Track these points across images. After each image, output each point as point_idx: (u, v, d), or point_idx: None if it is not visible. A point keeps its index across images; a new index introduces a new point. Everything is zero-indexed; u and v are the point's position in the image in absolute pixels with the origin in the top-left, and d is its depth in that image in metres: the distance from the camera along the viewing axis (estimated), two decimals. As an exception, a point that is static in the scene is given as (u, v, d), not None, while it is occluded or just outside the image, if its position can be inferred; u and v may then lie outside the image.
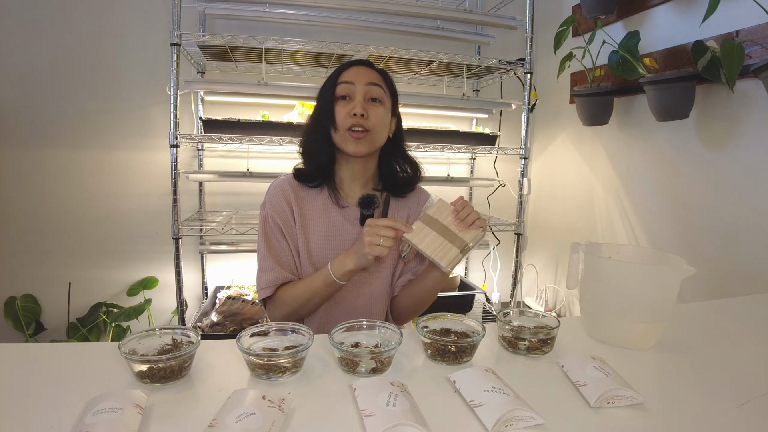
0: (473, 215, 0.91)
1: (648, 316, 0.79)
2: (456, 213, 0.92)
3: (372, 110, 0.98)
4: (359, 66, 1.02)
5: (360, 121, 0.96)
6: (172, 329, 0.71)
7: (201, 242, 2.15)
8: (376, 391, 0.58)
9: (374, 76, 1.01)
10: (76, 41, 1.91)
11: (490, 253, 2.53)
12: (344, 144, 0.99)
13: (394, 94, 1.06)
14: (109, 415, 0.51)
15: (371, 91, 0.99)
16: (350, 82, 0.99)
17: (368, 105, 0.99)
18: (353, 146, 0.98)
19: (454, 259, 0.89)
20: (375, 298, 1.05)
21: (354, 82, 0.98)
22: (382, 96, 1.00)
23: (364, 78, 0.99)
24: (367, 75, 1.00)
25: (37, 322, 1.98)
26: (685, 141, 1.56)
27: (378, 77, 1.01)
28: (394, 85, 1.06)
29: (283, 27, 2.03)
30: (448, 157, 2.44)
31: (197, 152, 2.12)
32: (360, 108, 0.96)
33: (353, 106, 0.97)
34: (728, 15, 1.36)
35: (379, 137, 1.01)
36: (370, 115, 0.98)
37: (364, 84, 0.98)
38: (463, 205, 0.92)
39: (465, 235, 0.90)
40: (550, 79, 2.16)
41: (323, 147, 1.02)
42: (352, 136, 0.97)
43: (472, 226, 0.90)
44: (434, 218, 0.93)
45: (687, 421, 0.59)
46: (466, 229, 0.91)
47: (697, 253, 1.52)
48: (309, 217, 1.04)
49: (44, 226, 1.98)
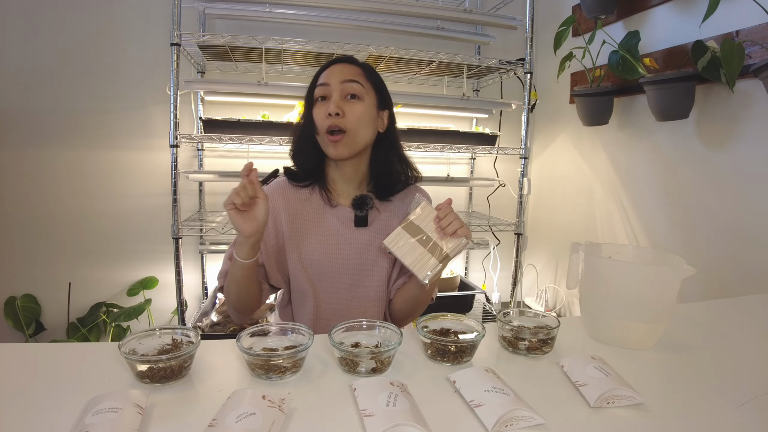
0: (455, 224, 0.88)
1: (648, 316, 0.79)
2: (438, 220, 0.89)
3: (348, 108, 0.94)
4: (336, 64, 0.98)
5: (336, 121, 0.93)
6: (172, 329, 0.71)
7: (201, 242, 2.15)
8: (376, 391, 0.58)
9: (351, 71, 0.97)
10: (76, 41, 1.91)
11: (490, 253, 2.53)
12: (325, 148, 0.97)
13: (379, 87, 1.01)
14: (109, 415, 0.51)
15: (347, 88, 0.95)
16: (325, 83, 0.96)
17: (345, 103, 0.95)
18: (332, 150, 0.95)
19: (432, 269, 0.87)
20: (370, 302, 1.03)
21: (329, 82, 0.95)
22: (361, 91, 0.96)
23: (338, 76, 0.95)
24: (343, 72, 0.96)
25: (37, 322, 1.98)
26: (685, 141, 1.56)
27: (356, 72, 0.98)
28: (379, 78, 1.02)
29: (283, 27, 2.03)
30: (448, 157, 2.44)
31: (197, 152, 2.12)
32: (334, 107, 0.93)
33: (328, 106, 0.94)
34: (728, 15, 1.36)
35: (360, 136, 0.96)
36: (346, 113, 0.94)
37: (339, 82, 0.95)
38: (445, 212, 0.89)
39: (446, 244, 0.87)
40: (550, 79, 2.16)
41: (309, 151, 1.00)
42: (329, 139, 0.94)
43: (454, 234, 0.88)
44: (416, 225, 0.90)
45: (687, 421, 0.59)
46: (448, 237, 0.88)
47: (697, 253, 1.51)
48: (302, 219, 1.01)
49: (44, 226, 1.98)
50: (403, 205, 1.07)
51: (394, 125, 1.06)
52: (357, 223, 1.02)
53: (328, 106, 0.94)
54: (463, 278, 2.30)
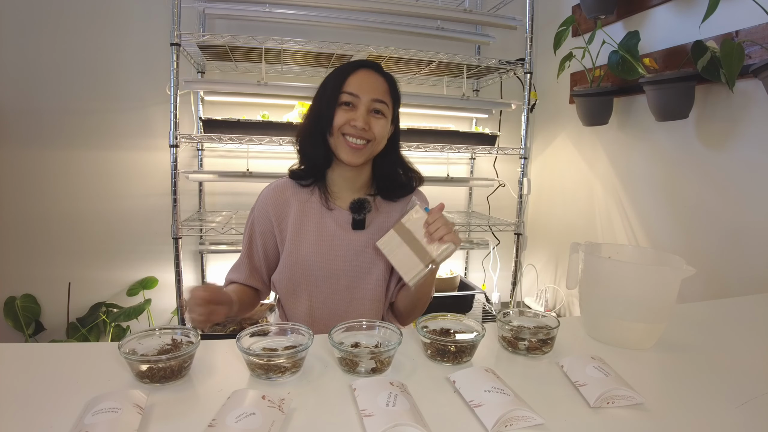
0: (442, 230, 0.89)
1: (648, 316, 0.79)
2: (426, 225, 0.90)
3: (374, 122, 0.97)
4: (366, 71, 0.98)
5: (361, 133, 0.95)
6: (171, 329, 0.71)
7: (201, 242, 2.15)
8: (375, 391, 0.58)
9: (381, 88, 0.98)
10: (76, 41, 1.91)
11: (490, 253, 2.53)
12: (339, 150, 0.98)
13: (397, 101, 1.03)
14: (108, 415, 0.51)
15: (375, 106, 0.97)
16: (355, 94, 0.96)
17: (370, 117, 0.97)
18: (349, 156, 0.97)
19: (417, 274, 0.88)
20: (367, 303, 1.04)
21: (359, 95, 0.95)
22: (385, 110, 0.98)
23: (370, 92, 0.96)
24: (374, 89, 0.97)
25: (36, 322, 1.98)
26: (685, 141, 1.56)
27: (384, 89, 0.99)
28: (399, 92, 1.03)
29: (282, 27, 2.03)
30: (448, 157, 2.44)
31: (197, 152, 2.12)
32: (362, 122, 0.94)
33: (355, 117, 0.95)
34: (728, 15, 1.36)
35: (378, 147, 1.00)
36: (372, 127, 0.96)
37: (369, 99, 0.96)
38: (434, 217, 0.90)
39: (434, 250, 0.88)
40: (550, 79, 2.16)
41: (319, 149, 1.00)
42: (349, 145, 0.96)
43: (441, 240, 0.88)
44: (407, 228, 0.91)
45: (687, 421, 0.59)
46: (437, 243, 0.88)
47: (697, 253, 1.52)
48: (301, 220, 1.03)
49: (44, 226, 1.98)
50: (398, 206, 1.08)
51: (398, 133, 1.07)
52: (354, 226, 1.03)
53: (353, 116, 0.95)
54: (463, 278, 2.30)
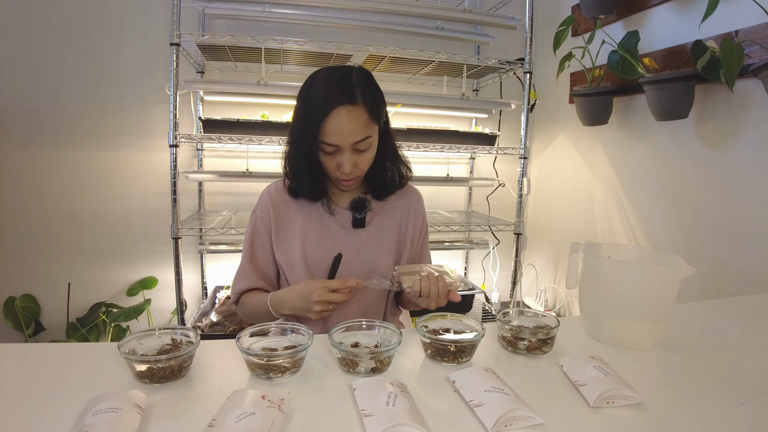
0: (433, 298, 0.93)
1: (648, 316, 0.79)
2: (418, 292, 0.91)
3: (361, 160, 0.94)
4: (340, 111, 0.88)
5: (350, 174, 0.94)
6: (171, 329, 0.71)
7: (200, 242, 2.15)
8: (375, 391, 0.58)
9: (360, 124, 0.89)
10: (75, 41, 1.91)
11: (490, 253, 2.53)
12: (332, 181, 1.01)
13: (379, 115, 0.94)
14: (108, 415, 0.51)
15: (359, 146, 0.92)
16: (335, 145, 0.90)
17: (356, 156, 0.93)
18: (342, 188, 1.02)
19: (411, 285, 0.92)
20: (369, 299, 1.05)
21: (340, 144, 0.90)
22: (370, 140, 0.93)
23: (350, 136, 0.89)
24: (353, 129, 0.89)
25: (36, 322, 1.98)
26: (685, 141, 1.56)
27: (364, 121, 0.90)
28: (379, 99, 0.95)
29: (282, 27, 2.03)
30: (448, 157, 2.44)
31: (197, 152, 2.12)
32: (349, 166, 0.92)
33: (341, 162, 0.92)
34: (728, 15, 1.36)
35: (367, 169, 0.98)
36: (359, 165, 0.94)
37: (350, 144, 0.90)
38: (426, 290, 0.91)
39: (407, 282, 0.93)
40: (550, 79, 2.16)
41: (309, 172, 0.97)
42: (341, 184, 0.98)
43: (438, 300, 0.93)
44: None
45: (687, 421, 0.59)
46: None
47: (697, 253, 1.52)
48: (302, 221, 1.04)
49: (43, 226, 1.98)
50: (398, 204, 1.09)
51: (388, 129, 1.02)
52: (355, 225, 1.05)
53: (339, 160, 0.93)
54: (463, 278, 2.30)
